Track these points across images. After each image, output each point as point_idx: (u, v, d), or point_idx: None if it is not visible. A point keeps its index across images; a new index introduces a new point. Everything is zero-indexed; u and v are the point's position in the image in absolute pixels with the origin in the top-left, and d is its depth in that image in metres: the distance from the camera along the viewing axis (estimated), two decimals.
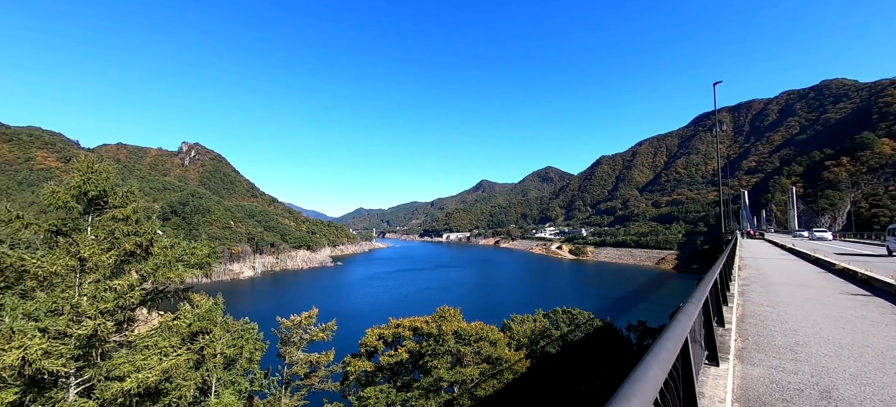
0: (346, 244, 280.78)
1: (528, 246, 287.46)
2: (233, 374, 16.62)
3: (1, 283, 11.76)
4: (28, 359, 9.11)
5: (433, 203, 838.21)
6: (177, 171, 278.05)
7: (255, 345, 18.01)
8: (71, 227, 12.72)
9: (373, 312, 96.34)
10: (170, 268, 13.46)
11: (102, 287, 11.41)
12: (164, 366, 10.76)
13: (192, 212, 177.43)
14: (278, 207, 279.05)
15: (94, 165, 13.31)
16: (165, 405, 11.88)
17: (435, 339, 23.33)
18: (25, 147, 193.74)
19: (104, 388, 10.53)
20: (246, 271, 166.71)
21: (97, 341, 10.73)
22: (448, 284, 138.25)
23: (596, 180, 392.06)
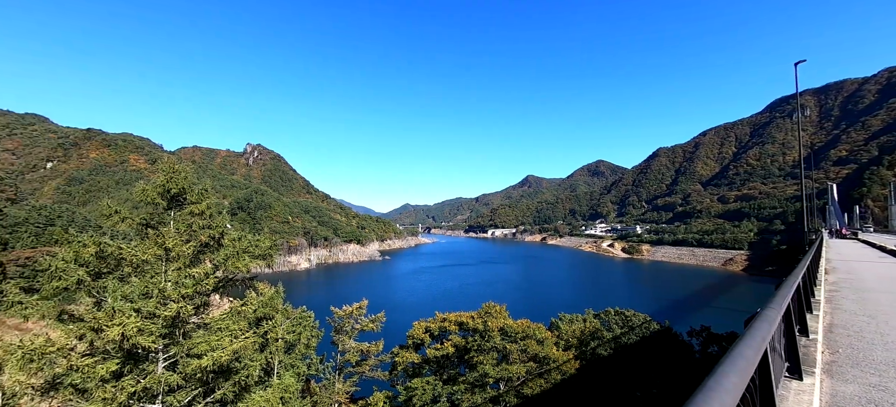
0: (394, 239, 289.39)
1: (577, 243, 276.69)
2: (292, 357, 17.90)
3: (104, 268, 13.59)
4: (126, 335, 10.47)
5: (478, 199, 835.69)
6: (242, 170, 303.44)
7: (311, 332, 19.23)
8: (157, 220, 14.37)
9: (419, 304, 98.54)
10: (238, 258, 14.73)
11: (183, 274, 12.78)
12: (234, 347, 11.85)
13: (255, 207, 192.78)
14: (331, 203, 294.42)
15: (175, 166, 14.89)
16: (236, 382, 13.08)
17: (480, 335, 23.30)
18: (121, 151, 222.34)
19: (185, 363, 11.82)
20: (302, 263, 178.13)
21: (180, 322, 12.06)
22: (493, 280, 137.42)
23: (652, 174, 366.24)
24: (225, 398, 13.17)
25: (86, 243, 12.45)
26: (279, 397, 13.69)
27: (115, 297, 11.85)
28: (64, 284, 12.50)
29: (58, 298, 12.70)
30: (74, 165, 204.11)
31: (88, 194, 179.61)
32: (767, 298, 4.61)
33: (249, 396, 13.52)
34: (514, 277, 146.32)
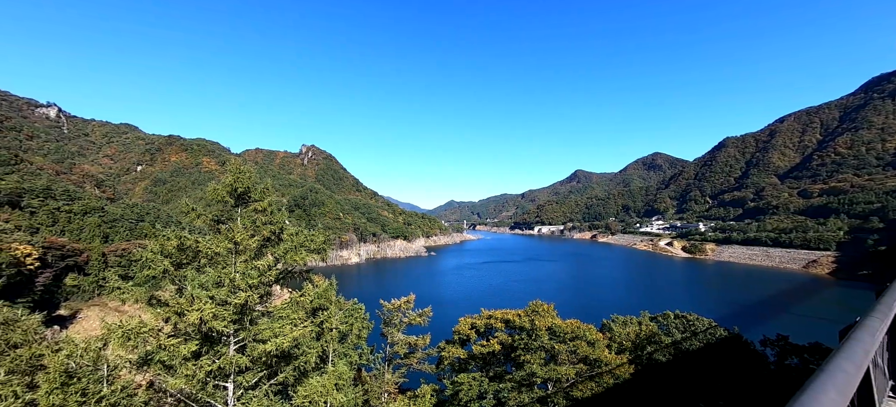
0: (439, 235, 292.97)
1: (631, 241, 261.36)
2: (345, 347, 18.85)
3: (184, 259, 15.19)
4: (203, 319, 11.66)
5: (524, 195, 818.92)
6: (298, 170, 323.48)
7: (362, 323, 20.13)
8: (226, 217, 15.77)
9: (464, 300, 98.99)
10: (296, 252, 15.75)
11: (250, 266, 13.93)
12: (294, 334, 12.73)
13: (310, 205, 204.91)
14: (378, 201, 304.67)
15: (241, 167, 16.22)
16: (296, 367, 14.06)
17: (527, 333, 22.88)
18: (196, 154, 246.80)
19: (252, 348, 12.91)
20: (353, 258, 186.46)
21: (247, 310, 13.19)
22: (539, 278, 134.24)
23: (718, 166, 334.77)
24: (286, 381, 14.20)
25: (169, 237, 14.00)
26: (334, 383, 14.48)
27: (194, 285, 13.23)
28: (152, 272, 14.17)
29: (148, 284, 14.44)
30: (158, 168, 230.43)
31: (170, 193, 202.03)
32: (867, 306, 4.01)
33: (307, 381, 14.45)
34: (561, 276, 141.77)
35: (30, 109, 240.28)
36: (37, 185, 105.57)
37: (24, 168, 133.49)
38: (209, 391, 12.80)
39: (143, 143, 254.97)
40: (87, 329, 64.94)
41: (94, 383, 11.18)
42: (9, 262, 64.83)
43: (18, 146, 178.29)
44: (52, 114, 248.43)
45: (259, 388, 13.59)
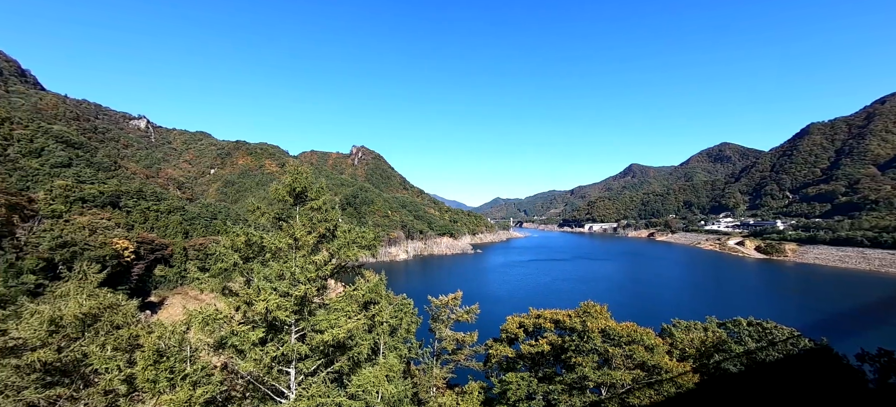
0: (485, 233, 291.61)
1: (694, 240, 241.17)
2: (395, 340, 19.46)
3: (250, 254, 16.56)
4: (268, 308, 12.65)
5: (573, 191, 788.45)
6: (349, 170, 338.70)
7: (411, 318, 20.64)
8: (286, 214, 16.94)
9: (510, 298, 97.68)
10: (349, 248, 16.51)
11: (308, 261, 14.85)
12: (349, 325, 13.39)
13: (360, 203, 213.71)
14: (425, 198, 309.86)
15: (299, 169, 17.30)
16: (350, 357, 14.78)
17: (579, 334, 22.02)
18: (259, 157, 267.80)
19: (311, 337, 13.78)
20: (401, 254, 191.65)
21: (306, 301, 14.09)
22: (590, 278, 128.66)
23: (800, 156, 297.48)
24: (342, 370, 14.98)
25: (238, 234, 15.34)
26: (385, 375, 14.99)
27: (260, 277, 14.39)
28: (224, 265, 15.63)
29: (221, 276, 15.92)
30: (228, 171, 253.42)
31: (238, 193, 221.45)
32: None
33: (361, 371, 15.11)
34: (615, 276, 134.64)
35: (125, 122, 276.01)
36: (131, 188, 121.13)
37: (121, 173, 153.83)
38: (274, 375, 13.88)
39: (215, 149, 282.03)
40: (172, 314, 73.38)
41: (179, 362, 12.59)
42: (111, 254, 75.08)
43: (117, 154, 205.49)
44: (142, 125, 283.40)
45: (317, 375, 14.47)
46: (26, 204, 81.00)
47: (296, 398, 13.97)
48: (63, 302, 17.14)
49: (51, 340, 13.75)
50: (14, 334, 12.83)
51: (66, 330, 14.19)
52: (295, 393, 14.23)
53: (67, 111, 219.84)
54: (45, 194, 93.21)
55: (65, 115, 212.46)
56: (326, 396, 13.80)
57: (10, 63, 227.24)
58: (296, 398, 13.97)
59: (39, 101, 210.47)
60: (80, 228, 77.39)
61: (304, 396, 13.50)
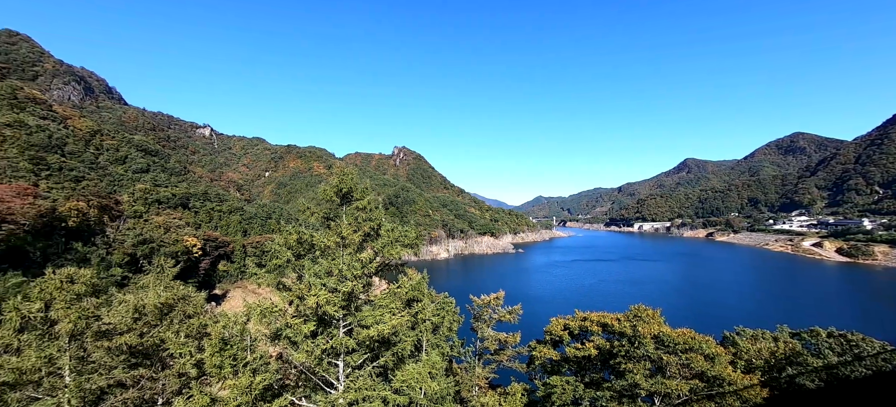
0: (527, 232, 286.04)
1: (761, 240, 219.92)
2: (437, 338, 19.68)
3: (302, 251, 17.54)
4: (319, 303, 13.31)
5: (621, 189, 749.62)
6: (391, 170, 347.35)
7: (453, 317, 20.76)
8: (334, 214, 17.72)
9: (553, 299, 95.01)
10: (392, 246, 16.94)
11: (354, 258, 15.44)
12: (393, 322, 13.76)
13: (402, 203, 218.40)
14: (465, 197, 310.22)
15: (345, 170, 18.00)
16: (394, 353, 15.17)
17: (629, 340, 20.90)
18: (308, 160, 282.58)
19: (358, 332, 14.32)
20: (442, 253, 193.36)
21: (353, 298, 14.67)
22: (640, 280, 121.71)
23: (894, 145, 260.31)
24: (387, 365, 15.41)
25: (291, 232, 16.28)
26: (428, 371, 15.22)
27: (310, 274, 15.20)
28: (279, 261, 16.67)
29: (276, 271, 17.01)
30: (281, 173, 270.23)
31: (290, 194, 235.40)
32: None
33: (404, 367, 15.46)
34: (668, 278, 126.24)
35: (192, 130, 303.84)
36: (198, 191, 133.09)
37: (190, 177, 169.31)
38: (324, 367, 14.59)
39: (269, 153, 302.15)
40: (234, 307, 79.70)
41: (241, 351, 13.63)
42: (182, 250, 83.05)
43: (186, 160, 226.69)
44: (206, 133, 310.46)
45: (363, 368, 15.00)
46: (114, 206, 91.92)
47: (344, 390, 14.60)
48: (144, 292, 19.25)
49: (135, 326, 15.46)
50: (106, 320, 14.58)
51: (147, 317, 15.87)
52: (343, 385, 14.87)
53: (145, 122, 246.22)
54: (129, 197, 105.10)
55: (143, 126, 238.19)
56: (372, 390, 14.28)
57: (100, 82, 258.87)
58: (344, 390, 14.60)
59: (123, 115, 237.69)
60: (157, 226, 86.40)
61: (351, 389, 14.06)
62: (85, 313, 12.94)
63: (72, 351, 12.97)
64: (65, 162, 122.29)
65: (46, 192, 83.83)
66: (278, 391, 16.22)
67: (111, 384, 15.22)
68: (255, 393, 12.98)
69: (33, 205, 62.11)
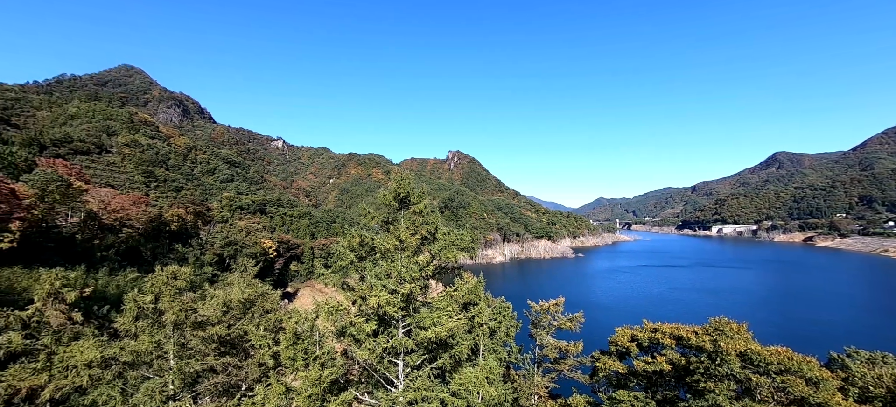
0: (587, 235, 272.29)
1: (877, 246, 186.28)
2: (494, 343, 19.45)
3: (363, 253, 18.46)
4: (380, 304, 13.87)
5: (695, 188, 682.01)
6: (446, 174, 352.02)
7: (510, 322, 20.37)
8: (392, 218, 18.40)
9: (616, 306, 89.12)
10: (448, 250, 17.12)
11: (412, 261, 15.86)
12: (451, 324, 13.89)
13: (456, 206, 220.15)
14: (521, 200, 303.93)
15: (402, 176, 18.63)
16: (451, 355, 15.29)
17: (709, 356, 18.84)
18: (367, 167, 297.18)
19: (416, 333, 14.67)
20: (497, 257, 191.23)
21: (411, 299, 15.07)
22: (719, 289, 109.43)
23: None
24: (444, 367, 15.57)
25: (353, 235, 17.20)
26: (485, 376, 15.09)
27: (371, 275, 15.91)
28: (343, 263, 17.68)
29: (340, 272, 18.09)
30: (343, 180, 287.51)
31: (351, 200, 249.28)
32: None
33: (462, 370, 15.49)
34: (755, 288, 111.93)
35: (267, 142, 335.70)
36: (273, 198, 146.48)
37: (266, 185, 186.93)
38: (385, 365, 15.16)
39: (333, 161, 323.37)
40: (304, 304, 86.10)
41: (311, 345, 14.69)
42: (260, 251, 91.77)
43: (262, 170, 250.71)
44: (279, 145, 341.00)
45: (422, 369, 15.31)
46: (206, 212, 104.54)
47: (403, 389, 15.03)
48: (230, 289, 21.61)
49: (224, 318, 17.37)
50: (201, 312, 16.58)
51: (233, 311, 17.75)
52: (403, 384, 15.31)
53: (230, 137, 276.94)
54: (217, 204, 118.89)
55: (228, 140, 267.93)
56: (430, 390, 14.51)
57: (195, 104, 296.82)
58: (403, 389, 15.03)
59: (212, 131, 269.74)
60: (240, 230, 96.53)
61: (410, 388, 14.42)
62: (185, 306, 14.84)
63: (175, 338, 14.93)
64: (168, 174, 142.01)
65: (155, 200, 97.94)
66: (343, 385, 17.18)
67: (204, 369, 17.27)
68: (324, 386, 13.87)
69: (145, 211, 72.93)
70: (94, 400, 14.62)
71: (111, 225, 62.50)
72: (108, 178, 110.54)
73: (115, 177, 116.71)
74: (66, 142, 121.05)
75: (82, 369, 14.35)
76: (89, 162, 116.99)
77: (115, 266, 53.08)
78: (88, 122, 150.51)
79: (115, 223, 63.54)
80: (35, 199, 46.79)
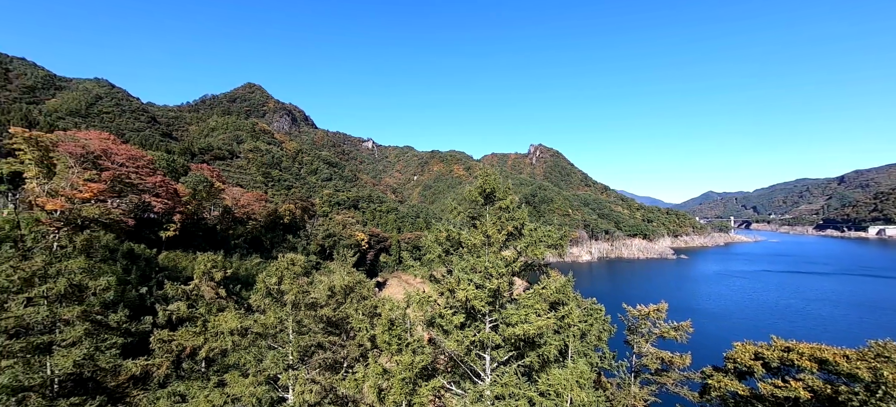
0: (691, 235, 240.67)
1: None
2: (585, 346, 18.44)
3: (450, 247, 19.02)
4: (468, 297, 14.19)
5: (843, 179, 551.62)
6: (527, 169, 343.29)
7: (602, 325, 19.07)
8: (477, 214, 18.59)
9: (730, 316, 77.29)
10: (535, 246, 16.69)
11: (498, 257, 15.86)
12: (539, 323, 13.57)
13: (539, 202, 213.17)
14: (610, 195, 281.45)
15: (488, 171, 18.65)
16: (539, 354, 14.94)
17: (866, 387, 15.21)
18: (449, 163, 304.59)
19: (503, 329, 14.65)
20: (584, 255, 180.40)
21: (498, 295, 15.10)
22: (877, 304, 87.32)
23: None
24: (531, 366, 15.29)
25: (441, 230, 17.83)
26: (576, 380, 14.42)
27: (458, 269, 16.34)
28: (430, 257, 18.45)
29: (428, 265, 18.93)
30: (426, 177, 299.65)
31: (434, 195, 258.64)
32: None
33: (550, 370, 15.04)
34: None
35: (359, 144, 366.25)
36: (364, 194, 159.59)
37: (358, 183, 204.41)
38: (472, 358, 15.47)
39: (417, 159, 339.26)
40: (393, 293, 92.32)
41: (403, 331, 15.71)
42: (354, 243, 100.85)
43: (356, 169, 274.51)
44: (369, 145, 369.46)
45: (509, 365, 15.26)
46: (310, 207, 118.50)
47: (491, 383, 15.16)
48: (332, 276, 24.22)
49: (329, 301, 19.53)
50: (312, 295, 18.91)
51: (337, 296, 19.84)
52: (490, 378, 15.45)
53: (328, 140, 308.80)
54: (319, 200, 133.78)
55: (327, 143, 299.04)
56: (517, 387, 14.38)
57: (300, 112, 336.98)
58: (491, 383, 15.16)
59: (314, 136, 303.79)
60: (338, 223, 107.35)
61: (498, 383, 14.49)
62: (301, 288, 17.07)
63: (293, 316, 17.28)
64: (281, 175, 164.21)
65: (271, 197, 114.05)
66: (432, 373, 18.02)
67: (315, 345, 19.70)
68: (415, 371, 14.73)
69: (265, 207, 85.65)
70: (235, 361, 17.78)
71: (241, 218, 74.72)
72: (238, 179, 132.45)
73: (243, 177, 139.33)
74: (208, 150, 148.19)
75: (227, 336, 17.54)
76: (224, 166, 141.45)
77: (244, 252, 63.49)
78: (223, 132, 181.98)
79: (244, 217, 75.77)
80: (189, 197, 58.24)
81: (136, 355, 19.29)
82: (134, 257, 36.33)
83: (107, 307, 18.44)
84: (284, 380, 16.45)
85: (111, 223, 36.79)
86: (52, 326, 15.58)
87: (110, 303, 19.97)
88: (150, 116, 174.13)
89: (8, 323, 14.60)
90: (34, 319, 15.06)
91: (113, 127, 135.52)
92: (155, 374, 19.31)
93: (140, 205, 47.61)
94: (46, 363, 15.35)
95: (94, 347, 16.24)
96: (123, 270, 32.64)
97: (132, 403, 17.61)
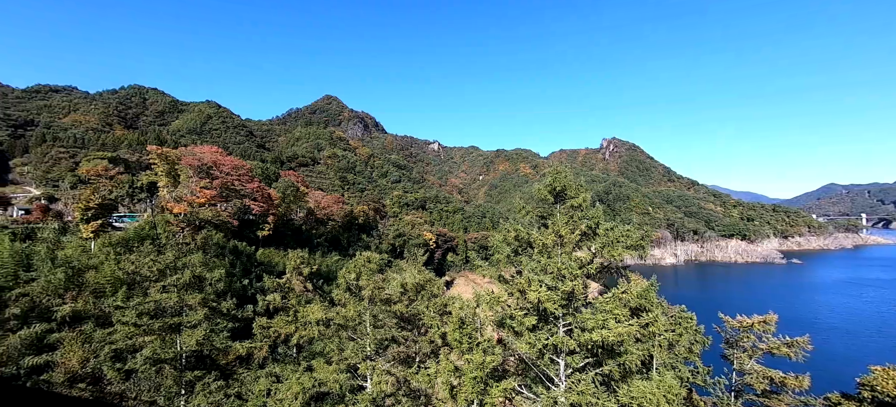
0: (807, 235, 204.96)
1: None
2: (673, 358, 16.71)
3: (519, 247, 18.63)
4: (539, 299, 13.77)
5: None
6: (600, 164, 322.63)
7: (694, 336, 17.08)
8: (547, 213, 17.92)
9: (861, 333, 64.22)
10: (612, 247, 15.59)
11: (571, 258, 15.13)
12: (619, 330, 12.63)
13: (614, 199, 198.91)
14: (699, 191, 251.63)
15: (558, 168, 17.89)
16: (619, 363, 13.91)
17: None
18: (515, 162, 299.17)
19: (578, 333, 13.92)
20: (667, 258, 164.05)
21: (573, 298, 14.39)
22: None
23: None
24: (611, 375, 14.31)
25: (509, 230, 17.53)
26: (663, 394, 13.13)
27: (528, 270, 15.92)
28: (499, 257, 18.24)
29: (496, 265, 18.75)
30: (492, 176, 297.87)
31: (500, 195, 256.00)
32: None
33: (632, 381, 13.91)
34: None
35: (426, 146, 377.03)
36: (431, 195, 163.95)
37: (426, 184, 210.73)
38: (545, 362, 14.97)
39: (482, 159, 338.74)
40: (461, 292, 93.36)
41: (473, 330, 15.79)
42: (422, 242, 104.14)
43: (423, 171, 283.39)
44: (435, 148, 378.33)
45: (586, 372, 14.45)
46: (382, 208, 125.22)
47: (565, 390, 14.51)
48: (404, 273, 25.28)
49: (402, 298, 20.41)
50: (387, 291, 19.94)
51: (409, 293, 20.65)
52: (564, 384, 14.79)
53: (397, 144, 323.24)
54: (389, 202, 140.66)
55: (396, 147, 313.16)
56: (595, 397, 13.53)
57: (371, 119, 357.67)
58: (565, 390, 14.51)
59: (384, 141, 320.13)
60: (407, 224, 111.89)
61: (573, 390, 13.80)
62: (377, 284, 18.11)
63: (370, 310, 18.40)
64: (355, 178, 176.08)
65: (347, 200, 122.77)
66: (502, 374, 17.82)
67: (389, 339, 20.75)
68: (487, 371, 14.70)
69: (342, 209, 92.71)
70: (321, 349, 19.50)
71: (322, 219, 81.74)
72: (318, 183, 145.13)
73: (322, 182, 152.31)
74: (294, 158, 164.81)
75: (314, 325, 19.31)
76: (307, 172, 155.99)
77: (325, 250, 69.34)
78: (306, 142, 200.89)
79: (324, 218, 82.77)
80: (279, 200, 65.33)
81: (241, 339, 22.24)
82: (238, 253, 41.88)
83: (219, 296, 21.51)
84: (363, 369, 17.58)
85: (221, 224, 42.88)
86: (180, 310, 18.63)
87: (221, 292, 23.26)
88: (248, 130, 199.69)
89: (149, 306, 17.82)
90: (168, 304, 18.20)
91: (220, 141, 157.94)
92: (256, 355, 22.04)
93: (242, 208, 54.75)
94: (176, 340, 18.43)
95: (211, 329, 19.13)
96: (230, 264, 37.81)
97: (239, 380, 20.28)
